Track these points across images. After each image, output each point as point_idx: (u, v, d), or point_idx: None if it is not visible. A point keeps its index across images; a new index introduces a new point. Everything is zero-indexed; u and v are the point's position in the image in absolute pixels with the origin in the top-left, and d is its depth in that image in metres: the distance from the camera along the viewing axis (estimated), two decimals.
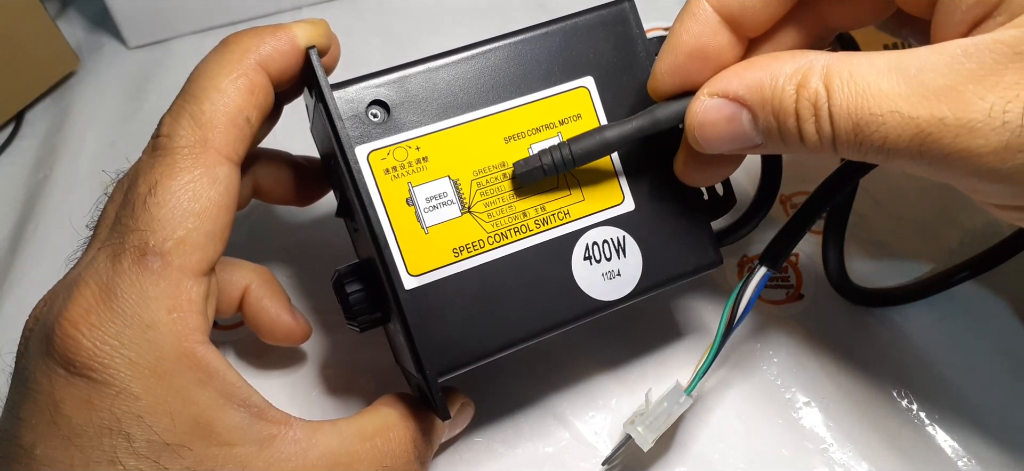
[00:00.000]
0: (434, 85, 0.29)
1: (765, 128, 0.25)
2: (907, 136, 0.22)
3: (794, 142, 0.24)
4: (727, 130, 0.25)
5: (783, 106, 0.24)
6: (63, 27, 0.47)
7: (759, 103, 0.24)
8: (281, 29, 0.28)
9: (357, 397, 0.35)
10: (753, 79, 0.25)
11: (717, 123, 0.26)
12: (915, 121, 0.22)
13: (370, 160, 0.28)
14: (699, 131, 0.26)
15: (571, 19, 0.30)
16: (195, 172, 0.26)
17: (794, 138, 0.24)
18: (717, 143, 0.26)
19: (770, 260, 0.30)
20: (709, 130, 0.26)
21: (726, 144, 0.26)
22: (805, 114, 0.23)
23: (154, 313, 0.24)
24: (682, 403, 0.30)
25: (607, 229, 0.30)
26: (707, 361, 0.30)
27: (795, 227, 0.30)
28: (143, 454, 0.24)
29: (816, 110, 0.23)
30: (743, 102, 0.25)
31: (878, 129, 0.22)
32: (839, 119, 0.23)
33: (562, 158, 0.28)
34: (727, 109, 0.25)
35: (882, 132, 0.22)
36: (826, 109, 0.23)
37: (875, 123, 0.22)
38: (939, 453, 0.33)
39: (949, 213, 0.39)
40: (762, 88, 0.24)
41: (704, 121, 0.26)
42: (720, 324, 0.30)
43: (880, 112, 0.22)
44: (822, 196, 0.30)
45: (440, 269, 0.28)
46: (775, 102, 0.24)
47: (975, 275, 0.36)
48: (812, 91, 0.23)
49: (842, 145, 0.23)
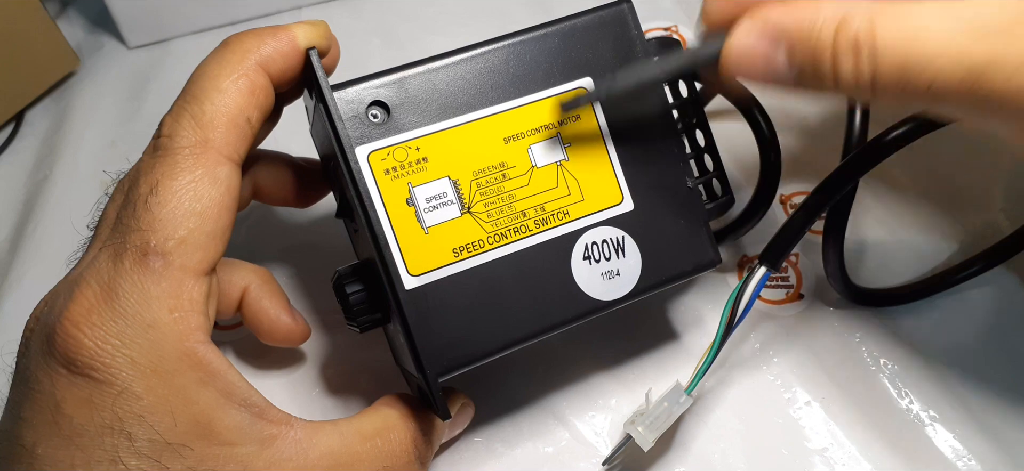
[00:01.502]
0: (434, 86, 0.29)
1: (800, 64, 0.24)
2: (958, 75, 0.21)
3: (828, 82, 0.24)
4: (762, 61, 0.25)
5: (820, 43, 0.24)
6: (63, 27, 0.47)
7: (798, 38, 0.24)
8: (281, 30, 0.28)
9: (357, 397, 0.35)
10: (796, 14, 0.24)
11: (753, 51, 0.25)
12: (969, 57, 0.21)
13: (370, 160, 0.28)
14: (735, 56, 0.25)
15: (570, 20, 0.30)
16: (196, 172, 0.26)
17: (828, 77, 0.24)
18: (750, 73, 0.26)
19: (770, 260, 0.30)
20: (744, 58, 0.25)
21: (759, 75, 0.25)
22: (844, 52, 0.23)
23: (156, 313, 0.24)
24: (682, 403, 0.30)
25: (606, 229, 0.30)
26: (707, 361, 0.30)
27: (795, 227, 0.30)
28: (145, 454, 0.24)
29: (856, 49, 0.23)
30: (782, 34, 0.25)
31: (927, 68, 0.22)
32: (884, 57, 0.22)
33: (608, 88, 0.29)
34: (766, 40, 0.25)
35: (931, 71, 0.22)
36: (869, 48, 0.23)
37: (924, 62, 0.22)
38: (939, 453, 0.33)
39: (950, 213, 0.39)
40: (801, 24, 0.24)
41: (741, 48, 0.25)
42: (720, 324, 0.30)
43: (930, 51, 0.22)
44: (822, 196, 0.30)
45: (440, 269, 0.28)
46: (813, 39, 0.24)
47: (976, 275, 0.36)
48: (853, 31, 0.23)
49: (883, 86, 0.23)
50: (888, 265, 0.38)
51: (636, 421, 0.30)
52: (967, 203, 0.39)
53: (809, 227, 0.31)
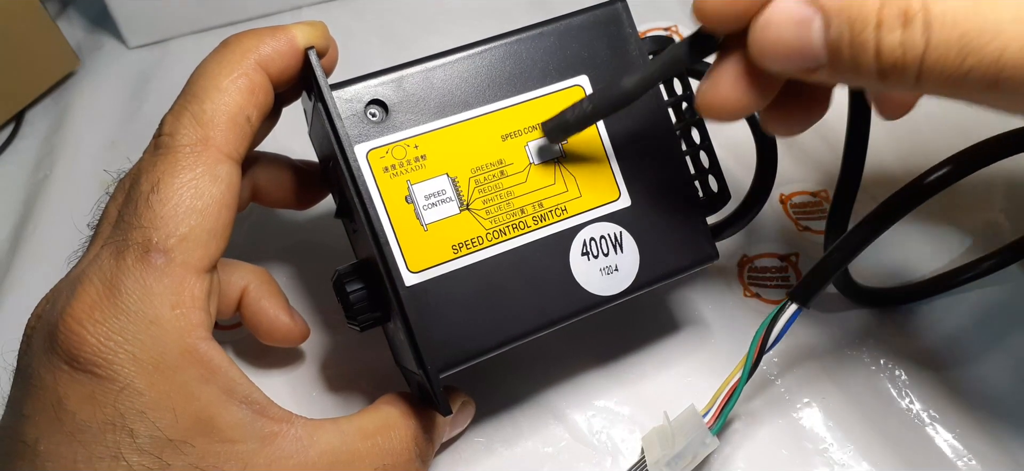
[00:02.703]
0: (432, 84, 0.29)
1: (836, 40, 0.21)
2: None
3: (867, 62, 0.21)
4: (792, 36, 0.21)
5: (863, 12, 0.20)
6: (63, 27, 0.47)
7: (837, 7, 0.21)
8: (280, 30, 0.28)
9: (358, 396, 0.35)
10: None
11: (782, 26, 0.22)
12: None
13: (369, 159, 0.28)
14: (761, 32, 0.22)
15: (565, 19, 0.31)
16: (197, 170, 0.26)
17: (868, 55, 0.20)
18: (777, 52, 0.22)
19: (801, 298, 0.29)
20: (771, 33, 0.22)
21: (786, 56, 0.22)
22: (890, 22, 0.20)
23: (158, 309, 0.25)
24: (708, 444, 0.29)
25: (604, 225, 0.30)
26: (734, 398, 0.29)
27: (831, 267, 0.29)
28: (146, 450, 0.24)
29: (907, 17, 0.20)
30: (819, 3, 0.21)
31: (995, 39, 0.19)
32: (940, 29, 0.19)
33: (584, 112, 0.28)
34: (799, 11, 0.21)
35: (999, 43, 0.19)
36: (921, 18, 0.19)
37: (991, 32, 0.19)
38: (939, 453, 0.33)
39: (951, 214, 0.39)
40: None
41: (769, 20, 0.22)
42: (747, 360, 0.29)
43: (999, 18, 0.19)
44: (859, 235, 0.29)
45: (440, 266, 0.28)
46: (855, 7, 0.20)
47: (977, 277, 0.36)
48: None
49: (935, 65, 0.20)
50: (889, 265, 0.38)
51: (660, 458, 0.30)
52: (967, 203, 0.40)
53: (845, 266, 0.29)
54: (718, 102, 0.25)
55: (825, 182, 0.41)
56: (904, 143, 0.40)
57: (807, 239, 0.39)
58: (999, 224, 0.39)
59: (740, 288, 0.38)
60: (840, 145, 0.32)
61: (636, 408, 0.34)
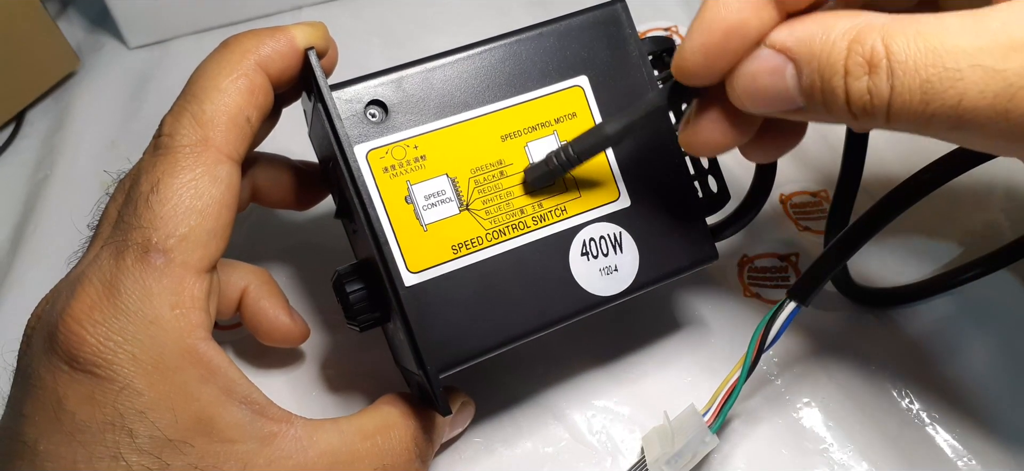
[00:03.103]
0: (431, 85, 0.29)
1: (808, 86, 0.22)
2: (991, 93, 0.19)
3: (838, 106, 0.22)
4: (768, 84, 0.23)
5: (830, 61, 0.21)
6: (63, 27, 0.47)
7: (806, 57, 0.22)
8: (280, 31, 0.28)
9: (357, 396, 0.35)
10: (804, 31, 0.22)
11: (758, 75, 0.23)
12: (1002, 74, 0.19)
13: (369, 159, 0.28)
14: (739, 81, 0.24)
15: (565, 20, 0.31)
16: (197, 170, 0.26)
17: (839, 100, 0.21)
18: (756, 98, 0.24)
19: (799, 296, 0.29)
20: (748, 82, 0.23)
21: (765, 102, 0.24)
22: (855, 71, 0.21)
23: (157, 309, 0.25)
24: (708, 442, 0.29)
25: (604, 225, 0.30)
26: (733, 397, 0.29)
27: (828, 264, 0.29)
28: (146, 450, 0.24)
29: (871, 67, 0.21)
30: (790, 54, 0.22)
31: (953, 85, 0.19)
32: (903, 76, 0.20)
33: (568, 158, 0.28)
34: (771, 61, 0.23)
35: (958, 89, 0.19)
36: (885, 66, 0.20)
37: (950, 79, 0.19)
38: (939, 453, 0.33)
39: (950, 214, 0.39)
40: (812, 40, 0.22)
41: (745, 71, 0.23)
42: (746, 358, 0.29)
43: (958, 66, 0.19)
44: (857, 233, 0.29)
45: (439, 266, 0.28)
46: (822, 56, 0.22)
47: (977, 277, 0.36)
48: (868, 47, 0.21)
49: (901, 109, 0.20)
50: (888, 265, 0.38)
51: (660, 456, 0.30)
52: (967, 203, 0.40)
53: (843, 263, 0.29)
54: (700, 141, 0.27)
55: (825, 182, 0.41)
56: (904, 143, 0.40)
57: (807, 239, 0.39)
58: (999, 224, 0.39)
59: (740, 288, 0.38)
60: (840, 145, 0.32)
61: (636, 408, 0.34)
